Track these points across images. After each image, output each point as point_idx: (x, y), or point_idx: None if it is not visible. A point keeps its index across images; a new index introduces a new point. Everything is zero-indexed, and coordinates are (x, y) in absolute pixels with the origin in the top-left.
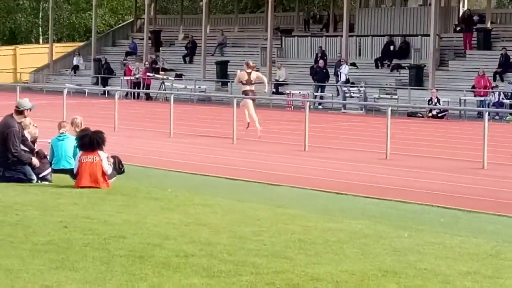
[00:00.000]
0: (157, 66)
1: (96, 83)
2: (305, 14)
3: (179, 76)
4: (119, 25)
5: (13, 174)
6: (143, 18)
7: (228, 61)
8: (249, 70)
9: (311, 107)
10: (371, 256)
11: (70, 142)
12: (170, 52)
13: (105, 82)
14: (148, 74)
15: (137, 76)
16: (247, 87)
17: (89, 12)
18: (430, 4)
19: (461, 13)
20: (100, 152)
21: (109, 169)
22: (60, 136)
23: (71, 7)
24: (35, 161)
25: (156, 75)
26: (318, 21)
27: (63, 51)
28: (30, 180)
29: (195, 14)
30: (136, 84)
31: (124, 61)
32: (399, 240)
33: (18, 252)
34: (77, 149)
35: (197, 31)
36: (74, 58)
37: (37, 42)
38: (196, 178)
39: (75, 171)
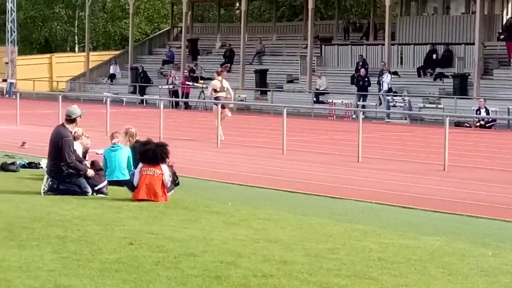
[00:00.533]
0: (195, 74)
1: (133, 92)
2: (344, 22)
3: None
4: (156, 34)
5: (68, 187)
6: (180, 27)
7: (267, 70)
8: (220, 78)
9: (353, 116)
10: (460, 277)
11: (124, 153)
12: (207, 61)
13: (142, 91)
14: (187, 82)
15: (175, 84)
16: (220, 94)
17: (124, 20)
18: (473, 12)
19: (504, 21)
20: (162, 166)
21: (169, 182)
22: (113, 147)
23: (106, 15)
24: (90, 172)
25: (195, 84)
26: (358, 30)
27: (99, 60)
28: (85, 193)
29: (231, 23)
30: (174, 93)
31: (161, 70)
32: (484, 259)
33: (87, 271)
34: (131, 160)
35: (235, 39)
36: (111, 67)
37: (72, 50)
38: (251, 190)
39: (135, 183)
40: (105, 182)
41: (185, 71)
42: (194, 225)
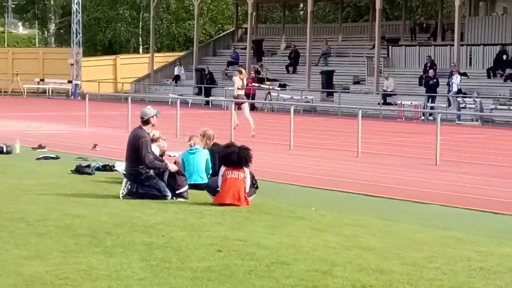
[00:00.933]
0: (260, 76)
1: (198, 93)
2: (411, 23)
3: (282, 86)
4: (220, 35)
5: (147, 191)
6: (244, 28)
7: (333, 71)
8: (241, 76)
9: (422, 118)
10: None
11: (202, 155)
12: (272, 62)
13: (207, 92)
14: (253, 84)
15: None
16: (241, 92)
17: (188, 21)
18: None
19: None
20: (245, 169)
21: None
22: (191, 150)
23: (170, 17)
24: (173, 167)
25: (261, 85)
26: (425, 30)
27: (163, 61)
28: (164, 197)
29: (295, 24)
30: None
31: (226, 71)
32: None
33: (179, 281)
34: (209, 163)
35: (299, 40)
36: (175, 68)
37: (136, 52)
38: (330, 194)
39: (219, 187)
40: (187, 187)
41: (252, 72)
42: (280, 231)
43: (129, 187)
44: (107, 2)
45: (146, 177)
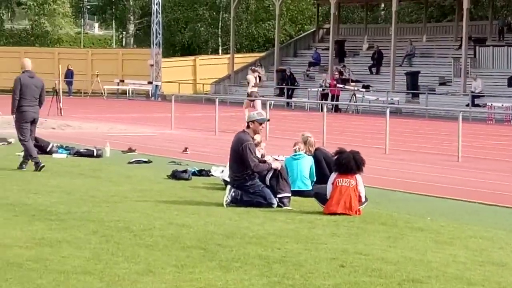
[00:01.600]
0: (343, 77)
1: (279, 94)
2: (500, 22)
3: (366, 87)
4: (301, 35)
5: (252, 198)
6: (325, 28)
7: (418, 72)
8: (255, 75)
9: None
10: None
11: (306, 162)
12: (354, 63)
13: (289, 94)
14: (338, 85)
15: (326, 87)
16: (254, 89)
17: (268, 22)
18: None
19: None
20: (357, 176)
21: (363, 194)
22: (295, 155)
23: (250, 17)
24: (275, 164)
25: (346, 86)
26: None
27: (243, 62)
28: (270, 205)
29: (376, 24)
30: (324, 96)
31: (308, 72)
32: None
33: None
34: (313, 169)
35: (382, 40)
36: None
37: (215, 52)
38: (440, 201)
39: (328, 195)
40: (289, 194)
41: (336, 73)
42: (402, 244)
43: (233, 194)
44: (186, 2)
45: (251, 185)
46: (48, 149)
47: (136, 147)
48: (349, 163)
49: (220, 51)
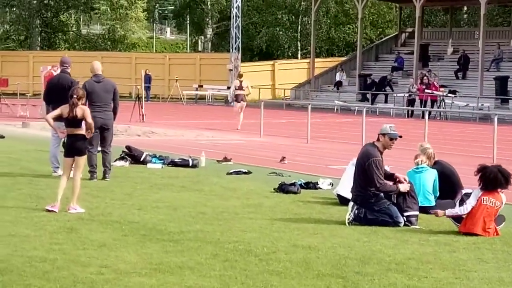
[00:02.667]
0: (428, 82)
1: (362, 100)
2: None
3: (452, 93)
4: (383, 39)
5: (377, 216)
6: (408, 32)
7: (508, 77)
8: (241, 79)
9: None
10: None
11: (429, 175)
12: (439, 67)
13: (373, 99)
14: (426, 90)
15: (412, 92)
16: (239, 92)
17: (348, 25)
18: None
19: None
20: (502, 195)
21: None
22: (417, 169)
23: (330, 21)
24: (404, 186)
25: (434, 92)
26: None
27: (323, 67)
28: (397, 224)
29: (460, 27)
30: (410, 102)
31: (391, 77)
32: None
33: None
34: (436, 183)
35: (467, 44)
36: (337, 74)
37: (294, 57)
38: None
39: (464, 212)
40: (417, 212)
41: (425, 78)
42: None
43: (356, 212)
44: (264, 6)
45: (376, 201)
46: (142, 159)
47: (230, 156)
48: (496, 178)
49: (299, 55)
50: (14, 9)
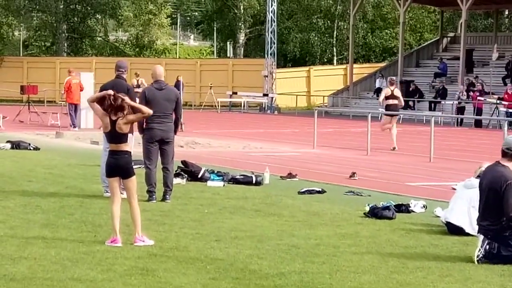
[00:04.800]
0: (475, 89)
1: (404, 108)
2: None
3: (501, 100)
4: (423, 45)
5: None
6: (449, 36)
7: None
8: (392, 88)
9: None
10: None
11: None
12: (484, 73)
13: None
14: (479, 98)
15: (462, 99)
16: (390, 102)
17: (386, 30)
18: None
19: None
20: None
21: None
22: None
23: (366, 25)
24: None
25: (487, 99)
26: None
27: (360, 73)
28: None
29: (501, 31)
30: (459, 110)
31: (433, 83)
32: None
33: None
34: None
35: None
36: (377, 80)
37: (330, 63)
38: None
39: None
40: None
41: (478, 84)
42: None
43: (487, 247)
44: (299, 11)
45: (511, 234)
46: (199, 175)
47: (289, 170)
48: None
49: (335, 61)
50: (40, 14)
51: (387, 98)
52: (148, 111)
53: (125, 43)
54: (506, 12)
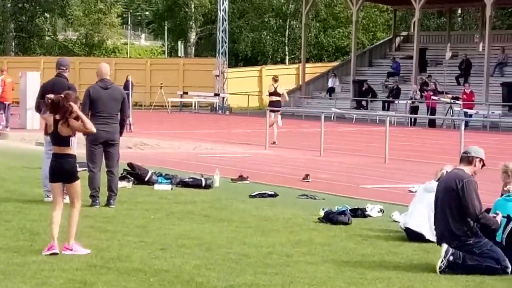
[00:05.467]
0: (428, 88)
1: (357, 107)
2: None
3: (455, 99)
4: (376, 44)
5: (480, 262)
6: (402, 36)
7: None
8: (275, 84)
9: None
10: None
11: None
12: (437, 72)
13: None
14: (433, 97)
15: (415, 99)
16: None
17: (338, 29)
18: None
19: None
20: None
21: None
22: (508, 196)
23: (318, 25)
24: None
25: (441, 99)
26: None
27: (312, 72)
28: (504, 270)
29: (454, 31)
30: (413, 109)
31: (386, 83)
32: None
33: None
34: None
35: (466, 48)
36: (329, 80)
37: (282, 62)
38: None
39: None
40: None
41: (431, 83)
42: None
43: (451, 257)
44: (251, 9)
45: (476, 242)
46: (146, 178)
47: (240, 172)
48: None
49: (287, 60)
50: None
51: (270, 94)
52: (92, 129)
53: (75, 42)
54: (459, 11)
